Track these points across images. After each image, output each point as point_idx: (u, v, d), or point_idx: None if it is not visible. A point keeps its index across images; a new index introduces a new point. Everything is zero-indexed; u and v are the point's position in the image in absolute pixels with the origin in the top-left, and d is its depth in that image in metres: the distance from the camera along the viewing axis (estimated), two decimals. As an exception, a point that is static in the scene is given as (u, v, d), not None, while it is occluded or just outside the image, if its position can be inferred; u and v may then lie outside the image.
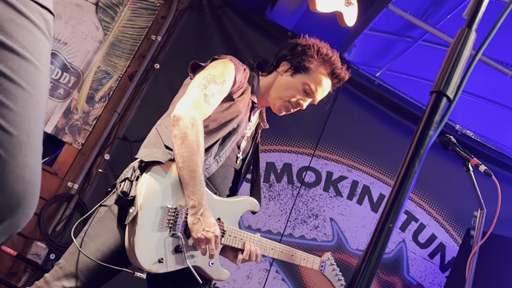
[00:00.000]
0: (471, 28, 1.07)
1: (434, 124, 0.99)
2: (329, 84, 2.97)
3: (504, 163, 5.53)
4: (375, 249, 0.92)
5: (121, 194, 2.45)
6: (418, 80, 6.02)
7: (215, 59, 2.79)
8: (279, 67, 2.96)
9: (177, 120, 2.50)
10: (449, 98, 1.02)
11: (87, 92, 4.90)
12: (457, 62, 1.04)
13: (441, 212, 5.40)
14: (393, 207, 0.94)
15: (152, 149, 2.60)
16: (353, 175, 5.28)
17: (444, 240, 5.37)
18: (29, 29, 1.14)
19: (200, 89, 2.60)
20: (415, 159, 0.96)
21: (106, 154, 4.78)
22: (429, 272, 5.33)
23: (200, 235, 2.50)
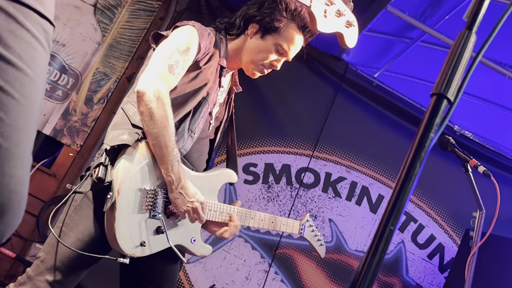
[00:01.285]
0: (471, 31, 1.07)
1: (434, 127, 0.99)
2: (301, 40, 2.85)
3: (502, 163, 5.54)
4: (377, 251, 0.92)
5: (96, 180, 2.36)
6: (417, 81, 6.02)
7: (177, 26, 2.64)
8: (247, 29, 2.82)
9: (142, 96, 2.36)
10: (449, 100, 1.02)
11: (86, 94, 4.90)
12: (457, 64, 1.04)
13: (440, 213, 5.40)
14: (394, 209, 0.94)
15: (118, 131, 2.51)
16: (352, 176, 5.28)
17: (443, 240, 5.38)
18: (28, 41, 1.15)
19: (164, 60, 2.46)
20: (416, 161, 0.96)
21: (104, 155, 4.77)
22: (428, 273, 5.33)
23: (186, 208, 2.47)
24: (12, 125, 1.14)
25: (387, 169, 5.38)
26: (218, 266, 4.89)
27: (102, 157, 2.44)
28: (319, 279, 5.06)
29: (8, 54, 1.11)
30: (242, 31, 2.83)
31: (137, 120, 2.50)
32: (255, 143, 5.13)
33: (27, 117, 1.19)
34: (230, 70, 2.91)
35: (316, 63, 5.28)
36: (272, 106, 5.17)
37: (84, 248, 2.42)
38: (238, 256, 4.94)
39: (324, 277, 5.07)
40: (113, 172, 2.38)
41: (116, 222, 2.34)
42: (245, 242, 4.98)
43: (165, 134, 2.40)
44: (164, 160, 2.42)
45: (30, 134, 1.20)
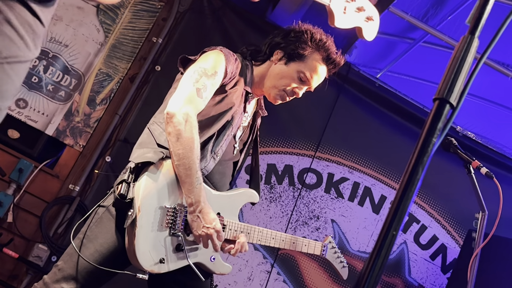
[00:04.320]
0: (474, 35, 1.07)
1: (437, 131, 0.99)
2: (324, 70, 2.90)
3: (505, 164, 5.54)
4: (379, 256, 0.93)
5: (118, 197, 2.42)
6: (419, 81, 6.02)
7: (205, 51, 2.73)
8: (272, 56, 2.89)
9: (171, 117, 2.45)
10: (452, 105, 1.02)
11: (88, 95, 4.91)
12: (460, 69, 1.04)
13: (443, 213, 5.40)
14: (397, 214, 0.94)
15: (143, 150, 2.57)
16: (354, 176, 5.28)
17: (446, 241, 5.38)
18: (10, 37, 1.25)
19: (192, 83, 2.54)
20: (419, 166, 0.96)
21: (107, 156, 4.78)
22: (431, 274, 5.33)
23: (200, 232, 2.49)
24: None
25: (389, 169, 5.38)
26: (220, 266, 4.89)
27: (125, 174, 2.49)
28: (321, 280, 5.06)
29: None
30: (268, 57, 2.91)
31: (162, 140, 2.58)
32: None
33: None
34: (256, 96, 2.99)
35: (319, 64, 5.28)
36: (274, 107, 5.14)
37: (102, 260, 2.47)
38: (240, 257, 4.94)
39: (326, 278, 5.08)
40: (135, 189, 2.43)
41: (136, 238, 2.38)
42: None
43: (190, 156, 2.47)
44: (187, 181, 2.48)
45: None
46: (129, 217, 2.39)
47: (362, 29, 1.97)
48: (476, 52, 1.13)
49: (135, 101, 4.95)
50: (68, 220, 4.62)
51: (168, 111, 2.47)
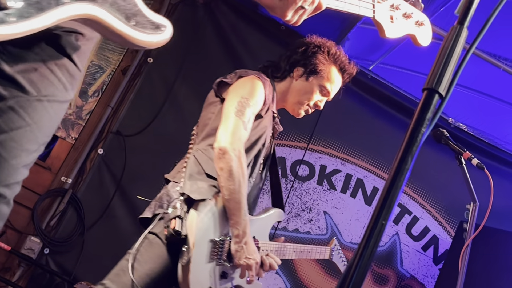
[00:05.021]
0: (463, 25, 1.08)
1: (426, 121, 0.99)
2: (340, 81, 3.08)
3: (496, 155, 5.55)
4: (368, 246, 0.93)
5: (174, 233, 2.46)
6: (412, 73, 6.03)
7: (241, 76, 2.80)
8: (293, 72, 3.00)
9: (223, 154, 2.53)
10: (441, 95, 1.03)
11: (80, 87, 4.89)
12: (449, 59, 1.04)
13: (435, 205, 5.42)
14: (386, 204, 0.95)
15: (197, 183, 2.61)
16: (346, 168, 5.29)
17: (437, 232, 5.40)
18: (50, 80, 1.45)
19: (238, 116, 2.61)
20: (408, 156, 0.96)
21: (99, 148, 4.78)
22: (423, 265, 5.35)
23: (242, 262, 2.60)
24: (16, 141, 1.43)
25: (382, 161, 5.39)
26: (213, 258, 4.90)
27: (178, 209, 2.51)
28: (314, 271, 5.08)
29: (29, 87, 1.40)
30: (288, 73, 3.02)
31: (209, 169, 2.65)
32: (250, 136, 5.13)
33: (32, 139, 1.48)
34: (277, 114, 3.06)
35: (312, 57, 5.27)
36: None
37: (151, 284, 2.51)
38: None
39: (319, 269, 5.09)
40: (188, 225, 2.48)
41: (191, 273, 2.46)
42: (240, 235, 4.98)
43: (241, 191, 2.56)
44: (236, 214, 2.58)
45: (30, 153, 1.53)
46: (185, 254, 2.46)
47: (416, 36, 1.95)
48: (466, 42, 1.13)
49: (127, 93, 4.94)
50: (60, 212, 4.62)
51: (220, 147, 2.54)
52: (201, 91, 5.02)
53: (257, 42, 5.15)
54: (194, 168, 2.67)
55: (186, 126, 4.96)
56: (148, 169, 4.88)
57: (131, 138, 4.85)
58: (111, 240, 4.71)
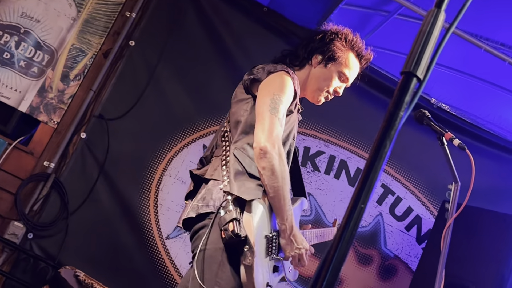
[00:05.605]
0: (441, 8, 1.08)
1: (404, 105, 1.00)
2: (358, 66, 3.12)
3: (479, 135, 5.59)
4: (347, 228, 0.94)
5: (234, 236, 2.46)
6: (394, 54, 6.03)
7: (271, 72, 2.80)
8: (311, 60, 3.03)
9: (265, 154, 2.56)
10: (419, 78, 1.03)
11: (62, 70, 4.85)
12: (426, 42, 1.05)
13: (417, 185, 5.46)
14: (365, 187, 0.95)
15: (244, 183, 2.62)
16: (330, 150, 5.31)
17: (420, 212, 5.44)
18: None
19: (274, 114, 2.64)
20: (386, 139, 0.97)
21: (82, 132, 4.75)
22: (406, 244, 5.40)
23: (293, 253, 2.68)
24: None
25: (365, 142, 5.41)
26: (198, 241, 4.91)
27: (232, 211, 2.50)
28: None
29: None
30: (306, 61, 3.05)
31: (251, 169, 2.66)
32: (234, 118, 5.12)
33: None
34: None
35: (295, 38, 5.25)
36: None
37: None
38: (217, 231, 4.96)
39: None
40: (246, 225, 2.51)
41: (255, 272, 2.50)
42: (224, 217, 4.99)
43: (284, 188, 2.60)
44: (281, 210, 2.63)
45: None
46: (248, 254, 2.48)
47: None
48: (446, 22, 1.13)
49: (110, 77, 4.91)
50: (43, 197, 4.60)
51: (261, 147, 2.57)
52: (183, 74, 5.05)
53: (239, 23, 5.13)
54: (239, 168, 2.68)
55: (169, 109, 4.99)
56: (131, 152, 4.87)
57: (113, 121, 4.82)
58: (95, 224, 4.71)
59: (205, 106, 5.08)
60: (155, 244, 4.79)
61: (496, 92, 5.91)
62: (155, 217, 4.83)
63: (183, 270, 4.83)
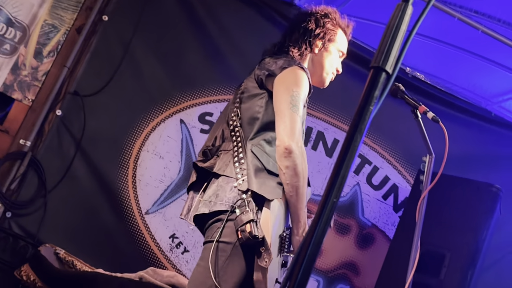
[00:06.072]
0: (408, 2, 1.09)
1: (374, 99, 1.01)
2: (346, 40, 3.22)
3: (453, 103, 5.64)
4: (320, 222, 0.96)
5: (251, 238, 2.44)
6: (370, 23, 6.02)
7: (284, 67, 2.76)
8: (312, 47, 3.04)
9: (289, 153, 2.56)
10: (388, 72, 1.05)
11: (35, 47, 4.79)
12: (395, 37, 1.06)
13: (394, 154, 5.52)
14: (337, 181, 0.97)
15: (265, 181, 2.59)
16: (307, 121, 5.30)
17: (397, 181, 5.51)
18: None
19: (295, 112, 2.64)
20: (357, 133, 0.98)
21: (57, 110, 4.72)
22: (383, 213, 5.48)
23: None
24: None
25: (341, 113, 5.43)
26: (177, 215, 4.91)
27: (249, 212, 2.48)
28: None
29: None
30: (306, 49, 3.04)
31: (270, 165, 2.65)
32: (210, 92, 5.11)
33: None
34: None
35: (267, 8, 5.24)
36: (225, 54, 5.14)
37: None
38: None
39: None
40: (264, 227, 2.49)
41: (268, 272, 2.50)
42: (203, 191, 5.02)
43: (304, 186, 2.64)
44: (298, 208, 2.65)
45: None
46: (265, 255, 2.47)
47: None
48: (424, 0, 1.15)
49: (84, 53, 4.86)
50: (20, 176, 4.58)
51: (286, 146, 2.56)
52: (158, 48, 5.03)
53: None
54: (258, 165, 2.64)
55: (144, 84, 4.97)
56: (108, 128, 4.85)
57: (89, 98, 4.79)
58: (74, 201, 4.71)
59: (181, 80, 5.06)
60: (134, 220, 4.81)
61: (471, 59, 5.95)
62: (134, 192, 4.84)
63: (163, 245, 4.86)
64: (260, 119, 2.74)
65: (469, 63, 6.00)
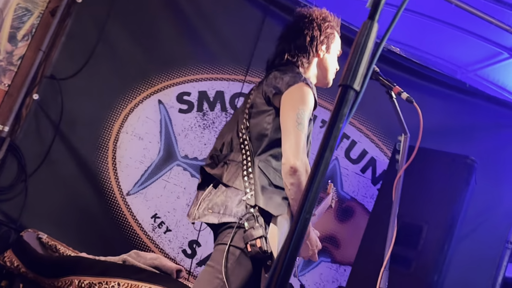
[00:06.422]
0: (374, 20, 1.12)
1: (343, 117, 1.05)
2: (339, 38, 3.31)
3: (428, 75, 5.67)
4: (293, 236, 1.00)
5: (261, 252, 2.59)
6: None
7: (290, 84, 2.82)
8: (318, 52, 3.11)
9: (295, 171, 2.64)
10: (356, 90, 1.08)
11: (8, 31, 4.75)
12: (362, 54, 1.09)
13: (371, 128, 5.57)
14: (308, 199, 1.01)
15: (271, 197, 2.70)
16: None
17: (375, 154, 5.57)
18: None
19: (301, 130, 2.72)
20: (327, 151, 1.02)
21: (34, 94, 4.70)
22: (362, 186, 5.56)
23: (307, 254, 2.90)
24: None
25: (318, 88, 5.44)
26: (158, 195, 4.98)
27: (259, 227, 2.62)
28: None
29: None
30: (314, 56, 3.13)
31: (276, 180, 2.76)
32: (187, 72, 5.11)
33: None
34: None
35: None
36: (200, 33, 5.13)
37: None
38: (178, 185, 5.02)
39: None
40: (271, 242, 2.64)
41: None
42: (183, 170, 5.05)
43: None
44: None
45: None
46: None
47: None
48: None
49: (58, 36, 4.83)
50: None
51: (291, 165, 2.64)
52: (133, 29, 5.01)
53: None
54: (265, 181, 2.75)
55: (121, 65, 4.96)
56: (86, 111, 4.86)
57: (66, 81, 4.78)
58: (55, 185, 4.73)
59: (158, 60, 5.06)
60: (116, 201, 4.84)
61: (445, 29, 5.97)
62: (114, 174, 4.86)
63: (146, 225, 4.91)
64: (268, 136, 2.83)
65: (443, 33, 6.04)
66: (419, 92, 5.50)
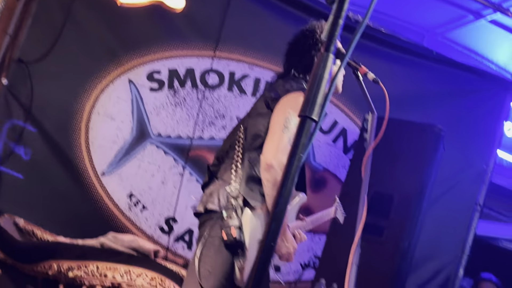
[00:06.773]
0: (329, 52, 1.17)
1: (303, 147, 1.10)
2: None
3: (395, 44, 5.70)
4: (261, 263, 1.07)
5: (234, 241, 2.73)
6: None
7: (289, 91, 2.94)
8: None
9: (269, 168, 2.74)
10: (314, 120, 1.14)
11: (-27, 16, 4.69)
12: (319, 86, 1.15)
13: (342, 99, 5.62)
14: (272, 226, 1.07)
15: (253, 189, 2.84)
16: (255, 72, 5.38)
17: (346, 125, 5.64)
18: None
19: (285, 133, 2.80)
20: (288, 180, 1.08)
21: (3, 78, 4.67)
22: (334, 156, 5.64)
23: (283, 252, 2.93)
24: None
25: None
26: (133, 174, 5.02)
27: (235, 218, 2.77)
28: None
29: None
30: None
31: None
32: (156, 50, 5.11)
33: None
34: None
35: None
36: (166, 10, 5.09)
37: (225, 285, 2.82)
38: (152, 163, 5.06)
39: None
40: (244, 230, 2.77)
41: (245, 271, 2.78)
42: (157, 149, 5.09)
43: None
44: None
45: None
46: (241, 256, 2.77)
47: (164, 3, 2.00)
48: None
49: (24, 19, 4.78)
50: (-27, 148, 4.58)
51: (267, 162, 2.75)
52: (101, 9, 4.96)
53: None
54: (251, 172, 2.87)
55: (89, 46, 4.94)
56: (57, 94, 4.85)
57: (34, 65, 4.75)
58: (29, 169, 4.74)
59: (126, 39, 5.04)
60: (91, 183, 4.88)
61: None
62: (88, 156, 4.88)
63: (122, 204, 4.96)
64: (261, 136, 2.93)
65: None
66: (386, 60, 5.57)
